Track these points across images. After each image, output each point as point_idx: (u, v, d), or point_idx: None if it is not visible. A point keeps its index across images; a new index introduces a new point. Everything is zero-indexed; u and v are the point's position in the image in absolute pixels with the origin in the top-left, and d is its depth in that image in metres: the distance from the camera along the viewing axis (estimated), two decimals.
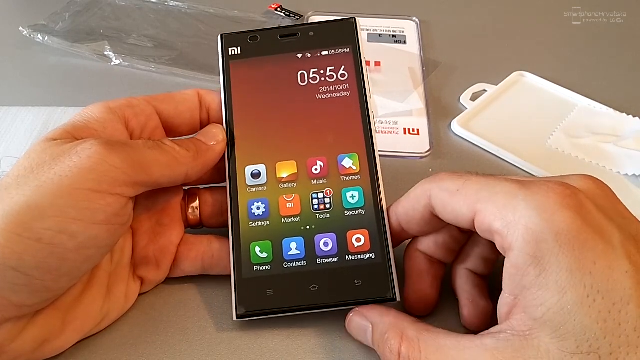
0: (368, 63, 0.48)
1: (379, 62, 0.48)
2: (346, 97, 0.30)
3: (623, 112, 0.42)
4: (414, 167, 0.39)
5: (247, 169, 0.28)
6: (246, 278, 0.27)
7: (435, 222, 0.26)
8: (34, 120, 0.41)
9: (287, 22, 0.53)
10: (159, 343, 0.28)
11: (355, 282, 0.27)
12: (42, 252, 0.22)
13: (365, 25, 0.53)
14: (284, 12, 0.54)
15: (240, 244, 0.27)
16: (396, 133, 0.41)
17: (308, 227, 0.27)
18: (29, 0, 0.56)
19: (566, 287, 0.21)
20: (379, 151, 0.39)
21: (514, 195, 0.22)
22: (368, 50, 0.49)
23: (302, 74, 0.30)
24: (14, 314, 0.23)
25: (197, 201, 0.31)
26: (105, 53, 0.47)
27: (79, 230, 0.23)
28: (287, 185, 0.28)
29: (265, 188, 0.28)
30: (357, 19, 0.32)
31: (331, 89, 0.30)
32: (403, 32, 0.52)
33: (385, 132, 0.41)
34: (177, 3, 0.54)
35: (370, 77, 0.46)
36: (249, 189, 0.28)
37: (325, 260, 0.27)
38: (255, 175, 0.28)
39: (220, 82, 0.30)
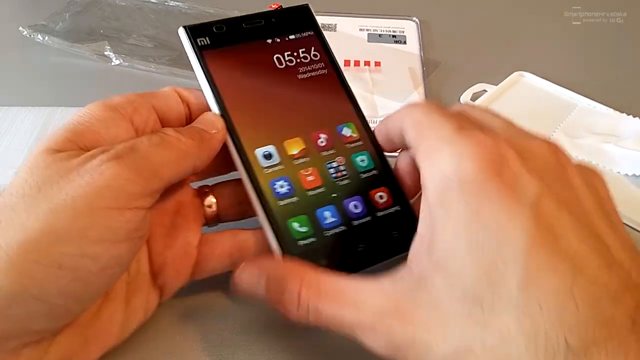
0: (368, 63, 0.48)
1: (379, 62, 0.48)
2: (325, 74, 0.32)
3: (623, 112, 0.42)
4: None
5: (257, 152, 0.28)
6: (295, 254, 0.27)
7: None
8: (34, 121, 0.41)
9: None
10: (158, 343, 0.28)
11: (393, 233, 0.28)
12: (64, 279, 0.22)
13: (365, 25, 0.53)
14: None
15: (278, 224, 0.27)
16: None
17: (334, 195, 0.29)
18: (29, 0, 0.56)
19: (461, 234, 0.21)
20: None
21: (444, 139, 0.23)
22: (368, 50, 0.50)
23: (278, 58, 0.31)
24: (33, 339, 0.22)
25: (211, 196, 0.30)
26: (105, 53, 0.47)
27: (102, 251, 0.22)
28: (301, 160, 0.29)
29: (282, 166, 0.28)
30: (309, 5, 0.33)
31: (309, 68, 0.31)
32: (403, 32, 0.52)
33: None
34: (177, 3, 0.54)
35: (370, 77, 0.46)
36: (265, 170, 0.28)
37: (361, 220, 0.28)
38: (267, 156, 0.28)
39: (197, 72, 0.30)
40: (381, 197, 0.29)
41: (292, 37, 0.32)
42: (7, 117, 0.41)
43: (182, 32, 0.30)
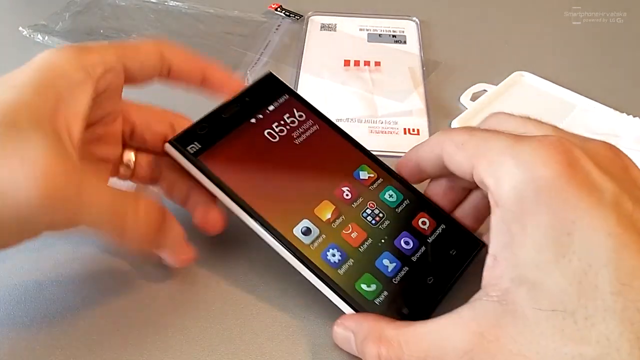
0: (368, 63, 0.48)
1: (379, 62, 0.48)
2: (318, 129, 0.32)
3: (623, 112, 0.42)
4: None
5: (294, 232, 0.28)
6: (378, 313, 0.26)
7: (447, 171, 0.27)
8: None
9: (287, 22, 0.53)
10: (159, 342, 0.28)
11: (451, 252, 0.29)
12: None
13: (365, 25, 0.53)
14: (284, 12, 0.54)
15: (348, 292, 0.27)
16: (396, 133, 0.41)
17: (383, 241, 0.28)
18: (28, 0, 0.56)
19: (543, 246, 0.20)
20: (379, 151, 0.40)
21: (504, 151, 0.22)
22: (368, 50, 0.50)
23: (269, 132, 0.31)
24: None
25: (132, 156, 0.31)
26: None
27: None
28: (338, 221, 0.28)
29: (324, 235, 0.28)
30: (271, 72, 0.33)
31: (301, 130, 0.31)
32: (403, 32, 0.52)
33: (385, 132, 0.41)
34: (177, 3, 0.54)
35: (370, 77, 0.46)
36: (312, 246, 0.27)
37: (418, 254, 0.28)
38: (306, 231, 0.28)
39: (201, 180, 0.28)
40: (424, 222, 0.29)
41: (271, 107, 0.31)
42: None
43: (169, 148, 0.29)
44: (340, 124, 0.33)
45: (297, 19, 0.53)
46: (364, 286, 0.27)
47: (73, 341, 0.28)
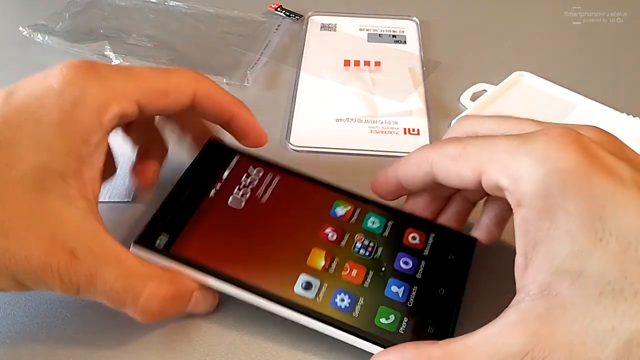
0: (368, 63, 0.48)
1: (379, 62, 0.48)
2: (280, 180, 0.31)
3: (623, 112, 0.42)
4: None
5: (295, 290, 0.27)
6: (403, 341, 0.25)
7: (437, 186, 0.27)
8: None
9: (287, 22, 0.53)
10: (162, 340, 0.28)
11: (450, 257, 0.28)
12: None
13: (365, 25, 0.53)
14: (284, 12, 0.54)
15: (370, 331, 0.26)
16: (396, 133, 0.41)
17: (383, 269, 0.28)
18: (28, 0, 0.56)
19: (577, 234, 0.20)
20: (380, 151, 0.40)
21: (515, 151, 0.22)
22: (368, 50, 0.50)
23: (234, 198, 0.30)
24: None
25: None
26: (106, 53, 0.47)
27: None
28: (334, 265, 0.28)
29: (327, 283, 0.27)
30: (212, 139, 0.33)
31: (264, 186, 0.30)
32: (403, 32, 0.52)
33: (385, 132, 0.41)
34: (177, 3, 0.54)
35: (370, 77, 0.46)
36: (317, 299, 0.26)
37: (420, 270, 0.28)
38: (307, 286, 0.27)
39: (182, 271, 0.27)
40: (414, 237, 0.29)
41: (226, 174, 0.31)
42: None
43: (135, 249, 0.27)
44: (340, 124, 0.32)
45: (297, 19, 0.53)
46: (383, 320, 0.26)
47: (73, 341, 0.28)
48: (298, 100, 0.43)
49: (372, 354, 0.25)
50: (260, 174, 0.31)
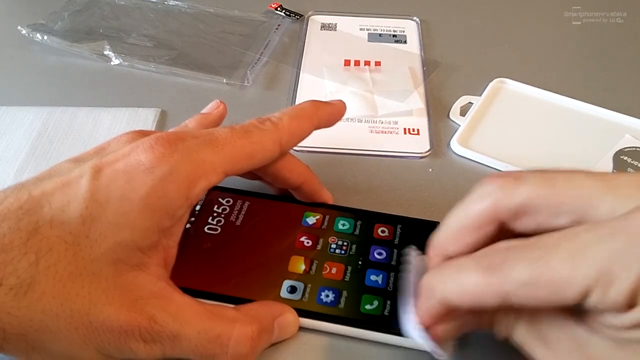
0: (368, 63, 0.48)
1: (379, 62, 0.48)
2: (250, 203, 0.33)
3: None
4: (414, 167, 0.39)
5: (282, 294, 0.28)
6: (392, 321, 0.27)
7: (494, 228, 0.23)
8: (33, 120, 0.41)
9: (287, 21, 0.53)
10: None
11: (417, 242, 0.29)
12: None
13: (366, 24, 0.53)
14: (284, 11, 0.53)
15: (358, 318, 0.27)
16: (396, 133, 0.41)
17: (360, 262, 0.30)
18: None
19: None
20: (380, 151, 0.40)
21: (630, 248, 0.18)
22: (368, 50, 0.50)
23: (210, 227, 0.32)
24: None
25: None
26: (105, 52, 0.47)
27: None
28: (314, 267, 0.30)
29: (310, 284, 0.29)
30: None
31: (236, 212, 0.33)
32: (403, 31, 0.52)
33: (385, 132, 0.41)
34: (177, 3, 0.54)
35: (371, 76, 0.46)
36: (304, 299, 0.28)
37: (394, 258, 0.30)
38: (292, 289, 0.29)
39: None
40: (383, 231, 0.32)
41: (197, 208, 0.33)
42: (7, 117, 0.41)
43: None
44: (340, 124, 0.33)
45: (297, 18, 0.53)
46: (368, 306, 0.28)
47: None
48: (298, 100, 0.43)
49: (367, 341, 0.27)
50: (230, 202, 0.33)
